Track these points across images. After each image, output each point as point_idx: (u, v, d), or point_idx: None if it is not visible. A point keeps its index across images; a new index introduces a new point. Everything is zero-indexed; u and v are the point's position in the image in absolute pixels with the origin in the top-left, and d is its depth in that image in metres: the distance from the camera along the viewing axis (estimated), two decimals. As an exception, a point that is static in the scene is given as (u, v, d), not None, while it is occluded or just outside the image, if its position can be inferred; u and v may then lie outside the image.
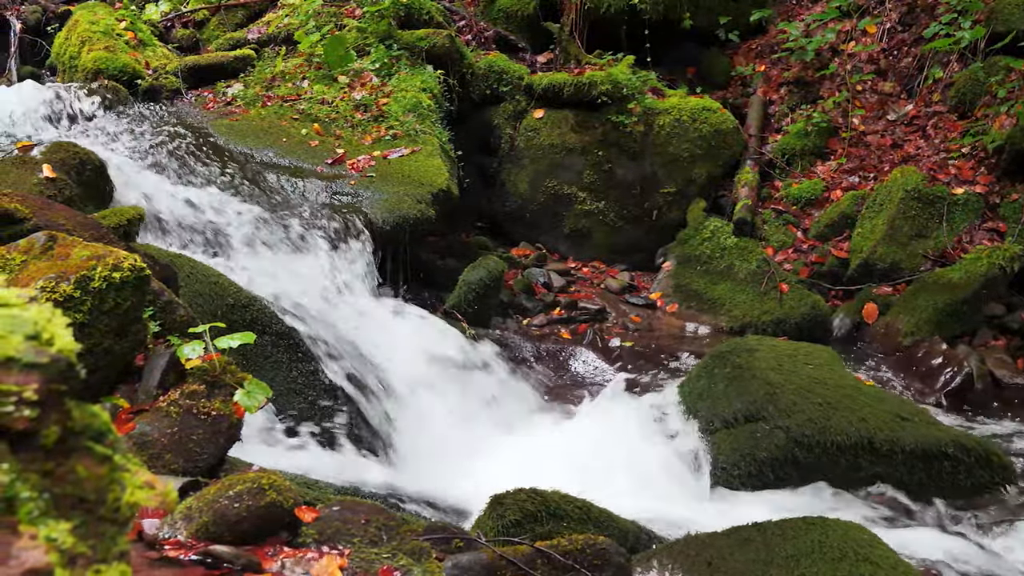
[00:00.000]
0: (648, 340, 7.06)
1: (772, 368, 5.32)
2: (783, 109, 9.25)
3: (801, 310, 7.29)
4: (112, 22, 8.52)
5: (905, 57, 9.22)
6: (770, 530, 3.48)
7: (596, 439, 5.24)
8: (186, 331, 3.34)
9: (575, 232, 8.68)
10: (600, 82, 8.52)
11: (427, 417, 5.31)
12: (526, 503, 3.50)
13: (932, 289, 7.09)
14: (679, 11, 9.48)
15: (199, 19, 9.83)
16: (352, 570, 2.45)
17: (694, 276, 7.91)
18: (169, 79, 8.10)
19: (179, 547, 2.37)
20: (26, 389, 0.83)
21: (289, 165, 6.93)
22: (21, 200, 3.75)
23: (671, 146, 8.59)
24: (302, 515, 2.63)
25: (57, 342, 0.88)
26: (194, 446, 2.97)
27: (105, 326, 2.88)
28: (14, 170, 5.06)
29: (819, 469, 4.84)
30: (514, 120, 8.91)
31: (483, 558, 2.62)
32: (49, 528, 0.82)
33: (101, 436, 0.93)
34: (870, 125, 8.82)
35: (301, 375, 4.84)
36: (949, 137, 8.36)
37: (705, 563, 3.38)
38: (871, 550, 3.31)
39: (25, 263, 2.90)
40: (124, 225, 4.45)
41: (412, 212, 6.56)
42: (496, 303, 7.15)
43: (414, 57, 8.37)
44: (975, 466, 4.83)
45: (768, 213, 8.33)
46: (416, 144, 7.36)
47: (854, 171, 8.46)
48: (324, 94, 7.97)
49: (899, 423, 4.91)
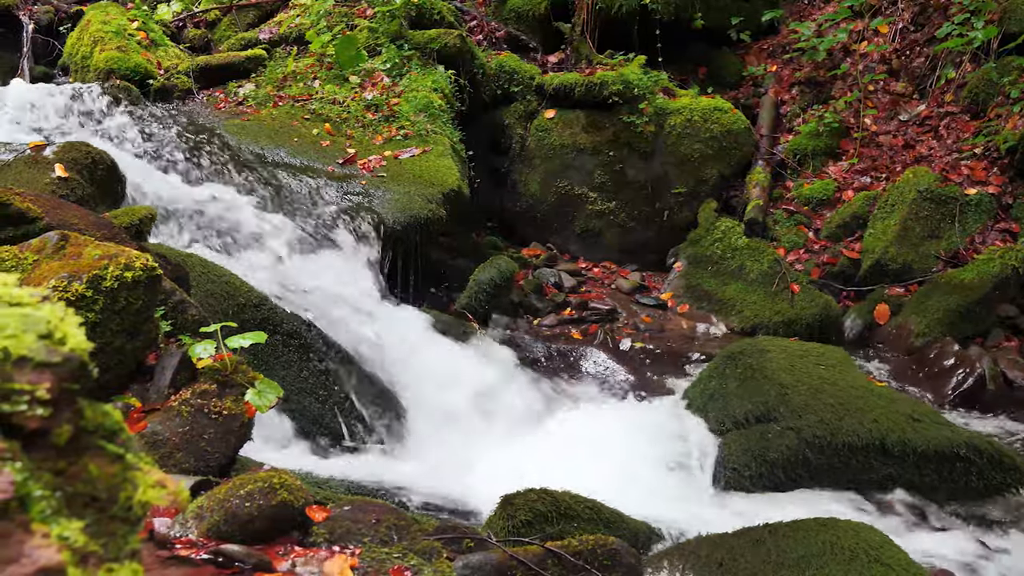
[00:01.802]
0: (659, 341, 7.05)
1: (783, 369, 5.31)
2: (795, 109, 9.23)
3: (812, 311, 7.27)
4: (124, 22, 8.54)
5: (917, 57, 9.19)
6: (781, 531, 3.47)
7: (607, 440, 5.23)
8: (197, 330, 3.34)
9: (586, 232, 8.67)
10: (611, 82, 8.51)
11: (437, 417, 5.31)
12: (536, 503, 3.50)
13: (944, 290, 7.06)
14: (691, 11, 9.47)
15: (211, 19, 9.86)
16: (363, 569, 2.45)
17: (705, 277, 7.89)
18: (181, 79, 8.12)
19: (190, 546, 2.37)
20: (39, 388, 0.83)
21: (300, 165, 6.94)
22: (34, 200, 3.76)
23: (682, 146, 8.58)
24: (313, 514, 2.63)
25: (69, 341, 0.88)
26: (205, 445, 2.98)
27: (117, 325, 2.89)
28: (27, 169, 5.08)
29: (830, 470, 4.83)
30: (525, 120, 8.91)
31: (493, 558, 2.62)
32: (61, 527, 0.82)
33: (113, 435, 0.93)
34: (882, 125, 8.79)
35: (311, 375, 4.85)
36: (962, 137, 8.33)
37: (716, 564, 3.38)
38: (883, 551, 3.31)
39: (38, 262, 2.91)
40: (136, 224, 4.45)
41: (423, 212, 6.57)
42: (507, 303, 7.15)
43: (425, 57, 8.38)
44: (987, 468, 4.81)
45: (780, 213, 8.31)
46: (427, 144, 7.37)
47: (866, 171, 8.44)
48: (335, 94, 7.98)
49: (911, 424, 4.89)
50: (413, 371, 5.43)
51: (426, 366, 5.58)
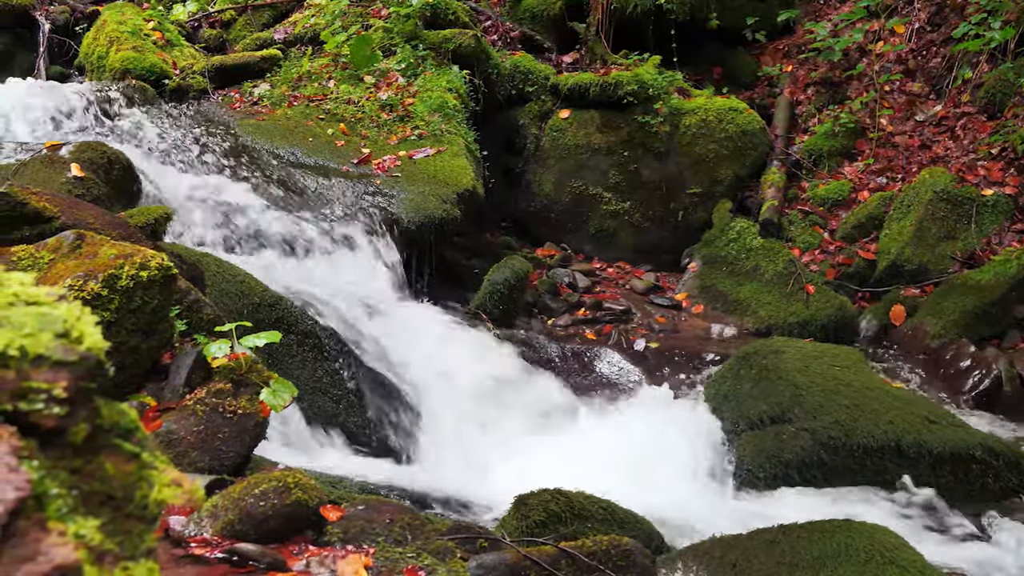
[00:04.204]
0: (673, 341, 7.03)
1: (798, 370, 5.29)
2: (810, 109, 9.20)
3: (827, 312, 7.24)
4: (140, 22, 8.57)
5: (934, 57, 9.15)
6: (795, 532, 3.46)
7: (620, 440, 5.23)
8: (212, 330, 3.35)
9: (600, 232, 8.66)
10: (626, 82, 8.50)
11: (451, 417, 5.31)
12: (550, 503, 3.49)
13: (960, 291, 7.03)
14: (706, 11, 9.45)
15: (226, 19, 9.88)
16: (377, 569, 2.45)
17: (720, 277, 7.88)
18: (196, 79, 8.14)
19: (205, 545, 2.38)
20: (56, 387, 0.83)
21: (315, 165, 6.95)
22: (50, 199, 3.78)
23: (697, 146, 8.56)
24: (327, 514, 2.63)
25: (86, 340, 0.88)
26: (220, 444, 2.98)
27: (132, 324, 2.90)
28: (43, 169, 5.10)
29: (845, 471, 4.81)
30: (540, 120, 8.90)
31: (507, 558, 2.62)
32: (78, 525, 0.82)
33: (129, 434, 0.93)
34: (898, 126, 8.76)
35: (326, 374, 4.86)
36: (978, 138, 8.29)
37: (730, 565, 3.37)
38: (898, 553, 3.29)
39: (54, 261, 2.92)
40: (151, 224, 4.47)
41: (437, 212, 6.57)
42: (521, 303, 7.15)
43: (440, 57, 8.38)
44: (1004, 470, 4.79)
45: (795, 214, 8.29)
46: (441, 144, 7.37)
47: (882, 172, 8.41)
48: (350, 94, 7.99)
49: (927, 426, 4.87)
50: (427, 371, 5.43)
51: (440, 366, 5.58)
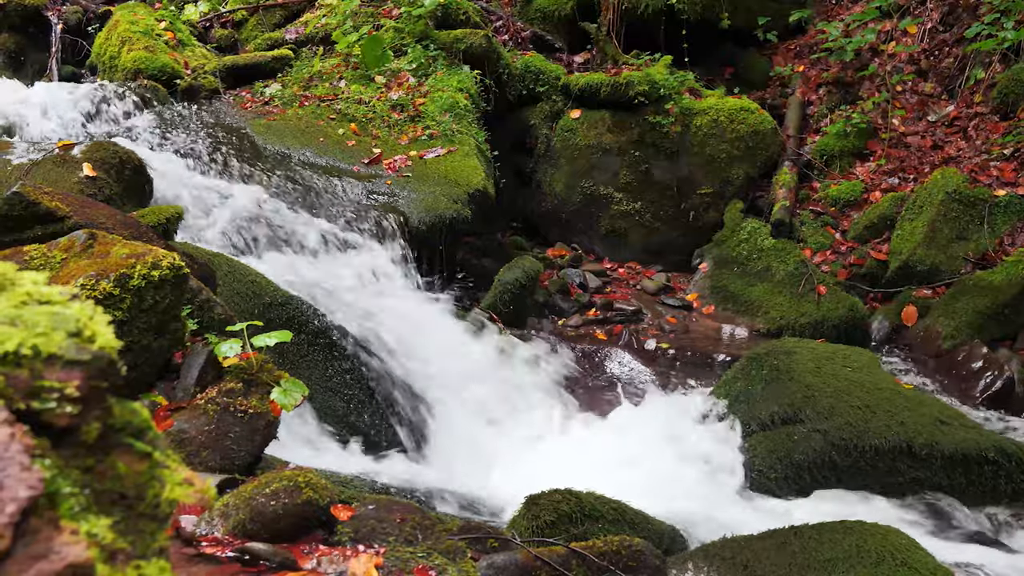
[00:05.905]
0: (684, 342, 7.03)
1: (810, 371, 5.28)
2: (822, 110, 9.18)
3: (839, 312, 7.22)
4: (152, 22, 8.59)
5: (946, 57, 9.12)
6: (806, 534, 3.45)
7: (631, 440, 5.22)
8: (224, 329, 3.36)
9: (611, 233, 8.65)
10: (637, 82, 8.49)
11: (462, 417, 5.31)
12: (561, 504, 3.49)
13: (973, 292, 7.00)
14: (717, 11, 9.43)
15: (237, 19, 9.90)
16: (388, 569, 2.45)
17: (731, 277, 7.86)
18: (208, 79, 8.16)
19: (216, 544, 2.38)
20: (68, 386, 0.84)
21: (326, 165, 6.96)
22: (62, 199, 3.79)
23: (708, 147, 8.55)
24: (338, 513, 2.64)
25: (98, 339, 0.88)
26: (231, 443, 2.99)
27: (144, 324, 2.90)
28: (55, 169, 5.12)
29: (857, 473, 4.80)
30: (550, 120, 8.90)
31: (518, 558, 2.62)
32: (90, 523, 0.82)
33: (141, 433, 0.93)
34: (910, 126, 8.73)
35: (337, 373, 4.86)
36: (991, 138, 8.25)
37: (741, 566, 3.36)
38: (909, 555, 3.28)
39: (66, 261, 2.93)
40: (163, 224, 4.48)
41: (448, 212, 6.58)
42: (531, 303, 7.15)
43: (451, 57, 8.38)
44: (1016, 471, 4.77)
45: (806, 214, 8.27)
46: (452, 144, 7.38)
47: (894, 172, 8.38)
48: (361, 94, 8.00)
49: (939, 427, 4.86)
50: (438, 371, 5.44)
51: (451, 366, 5.58)
